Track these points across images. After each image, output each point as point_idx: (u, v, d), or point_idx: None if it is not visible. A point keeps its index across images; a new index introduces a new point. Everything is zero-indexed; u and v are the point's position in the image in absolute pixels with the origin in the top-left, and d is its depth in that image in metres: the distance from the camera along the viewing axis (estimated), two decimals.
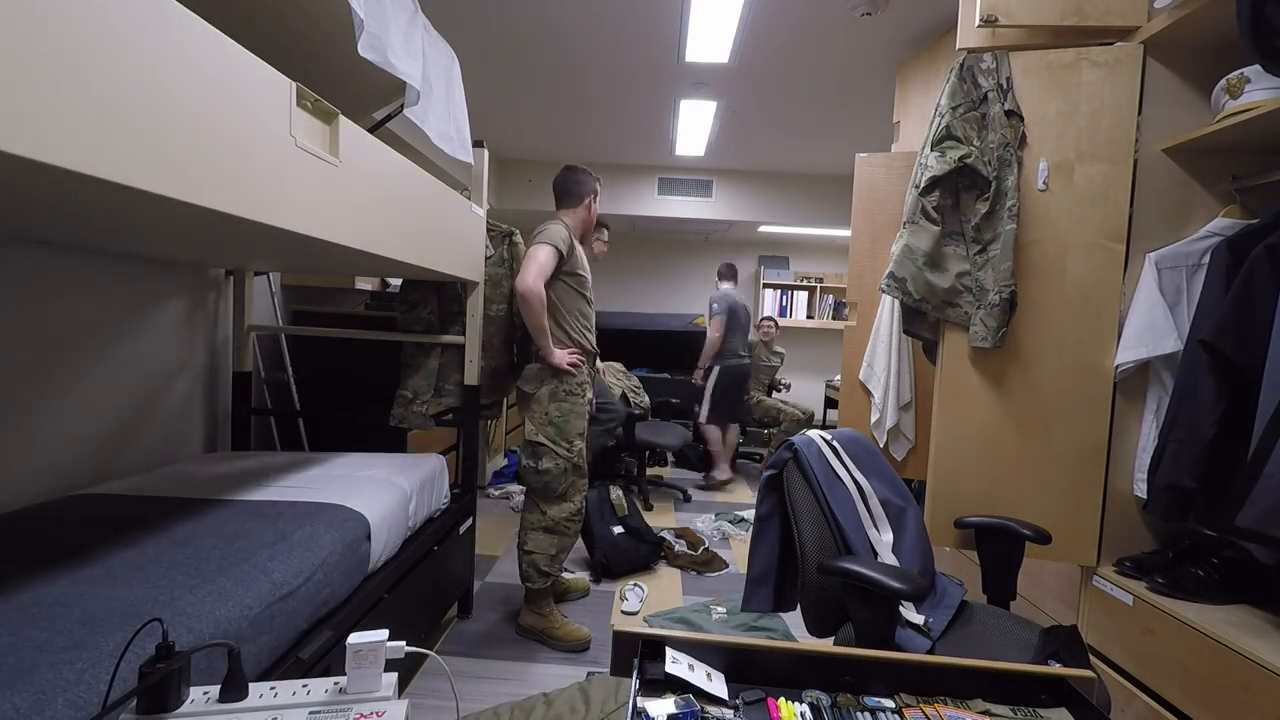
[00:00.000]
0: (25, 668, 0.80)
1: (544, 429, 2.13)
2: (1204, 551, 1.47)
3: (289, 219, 1.08)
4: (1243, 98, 1.39)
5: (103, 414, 1.79)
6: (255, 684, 0.81)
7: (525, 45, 2.90)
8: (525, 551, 2.18)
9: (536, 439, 2.13)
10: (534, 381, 2.15)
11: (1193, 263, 1.52)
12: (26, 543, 1.24)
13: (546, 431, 2.13)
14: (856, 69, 2.97)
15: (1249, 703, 1.18)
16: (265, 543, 1.28)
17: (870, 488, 1.44)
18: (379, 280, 3.49)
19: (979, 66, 1.63)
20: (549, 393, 2.14)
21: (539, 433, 2.13)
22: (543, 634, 2.22)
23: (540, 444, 2.13)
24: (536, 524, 2.19)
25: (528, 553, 2.18)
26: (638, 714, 0.79)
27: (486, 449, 4.14)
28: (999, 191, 1.62)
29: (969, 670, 0.89)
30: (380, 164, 1.45)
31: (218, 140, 0.89)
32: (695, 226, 5.37)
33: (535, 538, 2.18)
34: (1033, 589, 1.88)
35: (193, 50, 0.84)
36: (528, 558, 2.18)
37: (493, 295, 2.40)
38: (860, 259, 2.35)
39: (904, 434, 2.29)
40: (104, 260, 1.76)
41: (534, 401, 2.15)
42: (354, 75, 1.56)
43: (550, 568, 2.19)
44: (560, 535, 2.20)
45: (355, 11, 1.26)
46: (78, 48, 0.67)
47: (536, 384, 2.15)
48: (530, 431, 2.14)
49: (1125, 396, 1.61)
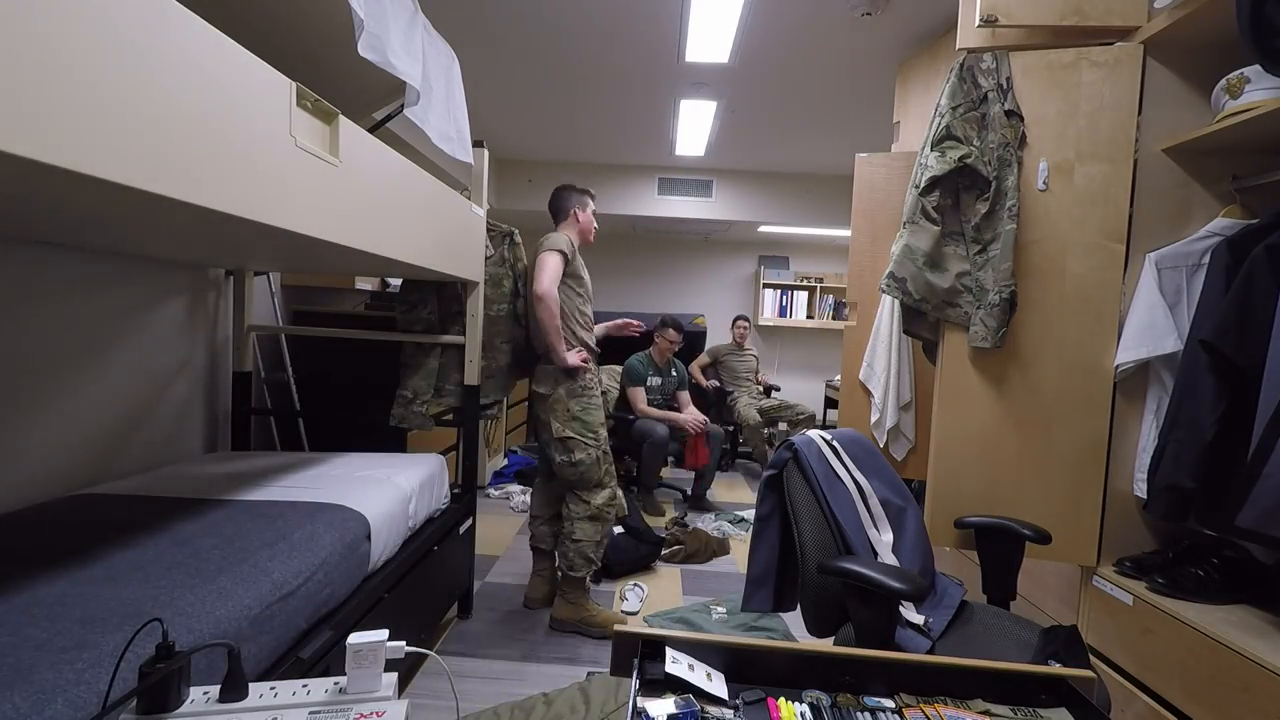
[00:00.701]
0: (25, 668, 0.80)
1: (569, 424, 2.24)
2: (1204, 551, 1.47)
3: (289, 219, 1.07)
4: (1243, 98, 1.39)
5: (103, 414, 1.79)
6: (255, 684, 0.81)
7: (526, 45, 2.91)
8: (574, 541, 2.27)
9: (566, 434, 2.24)
10: (549, 383, 2.26)
11: (1193, 263, 1.52)
12: (26, 543, 1.24)
13: (573, 426, 2.24)
14: (856, 69, 2.97)
15: (1249, 703, 1.18)
16: (265, 543, 1.28)
17: (870, 488, 1.44)
18: (379, 280, 3.49)
19: (979, 66, 1.63)
20: (566, 391, 2.25)
21: (566, 428, 2.24)
22: (580, 623, 2.28)
23: (570, 438, 2.23)
24: (582, 513, 2.28)
25: (576, 541, 2.27)
26: (638, 714, 0.79)
27: (486, 449, 4.14)
28: (999, 191, 1.62)
29: (969, 670, 0.89)
30: (380, 164, 1.44)
31: (218, 140, 0.89)
32: (695, 226, 5.37)
33: (582, 526, 2.28)
34: (1033, 589, 1.88)
35: (193, 50, 0.84)
36: (576, 546, 2.27)
37: (493, 295, 2.40)
38: (860, 259, 2.35)
39: (904, 434, 2.29)
40: (104, 260, 1.76)
41: (554, 402, 2.25)
42: (354, 75, 1.56)
43: (595, 554, 2.30)
44: (603, 521, 2.31)
45: (355, 11, 1.26)
46: (78, 48, 0.67)
47: (552, 385, 2.25)
48: (558, 430, 2.24)
49: (1125, 396, 1.61)
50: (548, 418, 2.26)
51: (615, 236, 5.81)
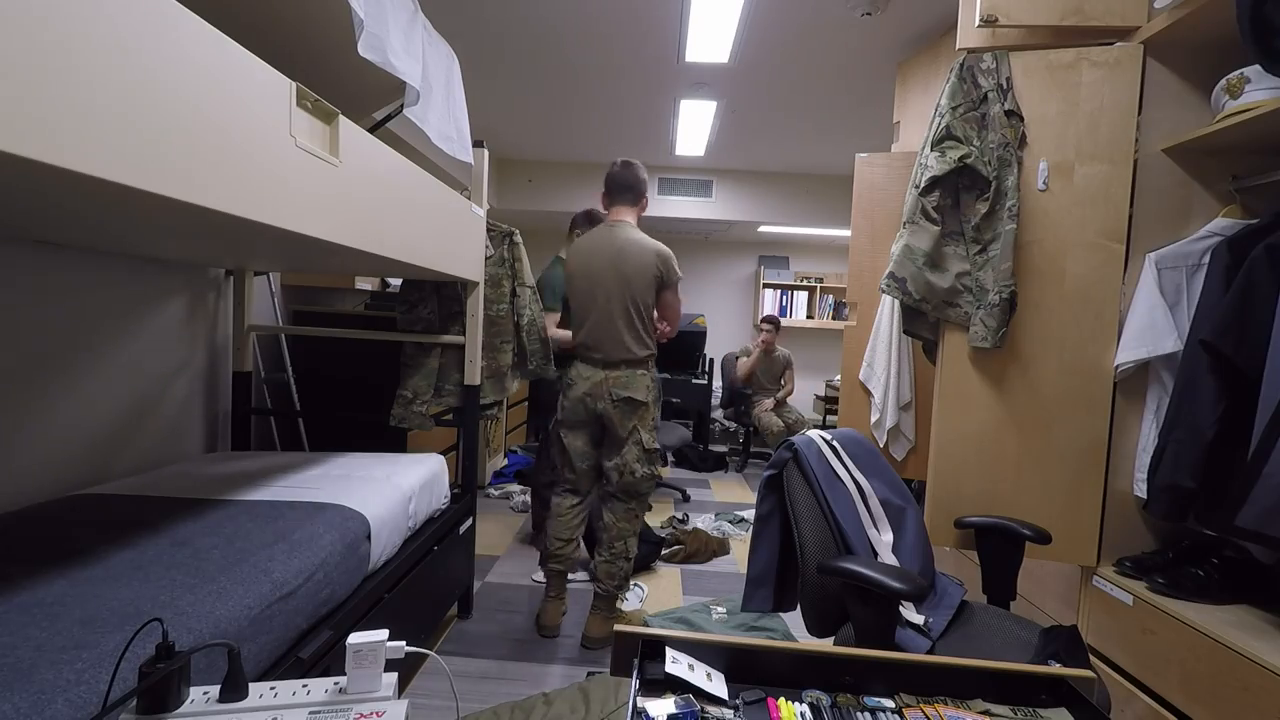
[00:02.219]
0: (25, 668, 0.80)
1: (655, 434, 2.16)
2: (1204, 551, 1.47)
3: (289, 219, 1.07)
4: (1243, 98, 1.39)
5: (103, 414, 1.79)
6: (255, 684, 0.81)
7: (525, 45, 2.91)
8: (627, 559, 2.19)
9: (654, 445, 2.14)
10: (642, 389, 2.12)
11: (1193, 263, 1.52)
12: (26, 543, 1.24)
13: (656, 436, 2.16)
14: (856, 69, 2.97)
15: (1249, 703, 1.18)
16: (265, 543, 1.28)
17: (870, 488, 1.44)
18: (379, 280, 3.49)
19: (979, 66, 1.63)
20: (653, 399, 2.16)
21: (654, 439, 2.15)
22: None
23: (655, 450, 2.15)
24: (634, 529, 2.22)
25: (629, 559, 2.20)
26: (638, 714, 0.79)
27: (486, 449, 4.14)
28: (999, 191, 1.62)
29: (969, 670, 0.89)
30: (380, 164, 1.44)
31: (218, 140, 0.89)
32: (695, 226, 5.37)
33: (633, 543, 2.22)
34: (1033, 589, 1.88)
35: (192, 50, 0.84)
36: (628, 565, 2.20)
37: (493, 295, 2.40)
38: (860, 259, 2.35)
39: (904, 434, 2.29)
40: (104, 260, 1.76)
41: (646, 410, 2.13)
42: (354, 75, 1.56)
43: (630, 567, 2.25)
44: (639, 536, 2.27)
45: (355, 11, 1.26)
46: (78, 48, 0.67)
47: (646, 392, 2.13)
48: (648, 440, 2.13)
49: (1125, 396, 1.61)
50: (635, 425, 2.10)
51: None
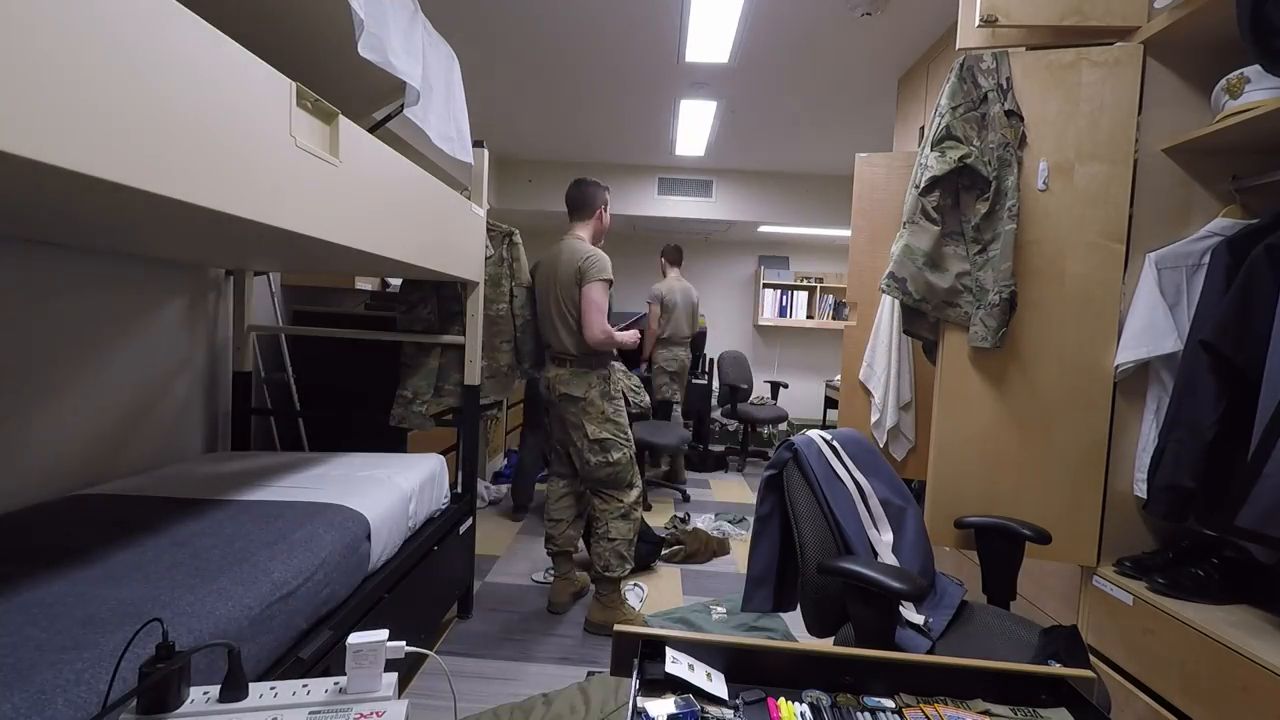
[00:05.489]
0: (25, 668, 0.80)
1: (604, 425, 2.27)
2: (1204, 551, 1.47)
3: (289, 219, 1.07)
4: (1243, 98, 1.39)
5: (103, 414, 1.79)
6: (255, 684, 0.81)
7: (526, 45, 2.91)
8: (609, 540, 2.28)
9: (602, 435, 2.27)
10: (581, 386, 2.27)
11: (1193, 263, 1.52)
12: (26, 543, 1.24)
13: (608, 427, 2.27)
14: (856, 69, 2.97)
15: (1249, 703, 1.18)
16: (265, 543, 1.28)
17: (870, 488, 1.44)
18: (379, 280, 3.49)
19: (979, 66, 1.63)
20: (600, 394, 2.28)
21: (602, 430, 2.27)
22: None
23: (607, 439, 2.27)
24: (615, 511, 2.31)
25: (611, 540, 2.28)
26: (638, 714, 0.79)
27: (486, 449, 4.13)
28: (999, 191, 1.62)
29: (969, 670, 0.89)
30: (380, 164, 1.44)
31: (218, 140, 0.89)
32: (695, 226, 5.38)
33: (616, 525, 2.30)
34: (1033, 589, 1.88)
35: (192, 50, 0.84)
36: (611, 545, 2.28)
37: (493, 295, 2.40)
38: (860, 259, 2.35)
39: (904, 434, 2.29)
40: (104, 260, 1.76)
41: (587, 404, 2.27)
42: (354, 75, 1.56)
43: (628, 553, 2.32)
44: (633, 521, 2.34)
45: (355, 11, 1.26)
46: (77, 48, 0.67)
47: (585, 388, 2.27)
48: (593, 431, 2.26)
49: (1125, 396, 1.61)
50: (579, 420, 2.26)
51: (615, 236, 5.80)
